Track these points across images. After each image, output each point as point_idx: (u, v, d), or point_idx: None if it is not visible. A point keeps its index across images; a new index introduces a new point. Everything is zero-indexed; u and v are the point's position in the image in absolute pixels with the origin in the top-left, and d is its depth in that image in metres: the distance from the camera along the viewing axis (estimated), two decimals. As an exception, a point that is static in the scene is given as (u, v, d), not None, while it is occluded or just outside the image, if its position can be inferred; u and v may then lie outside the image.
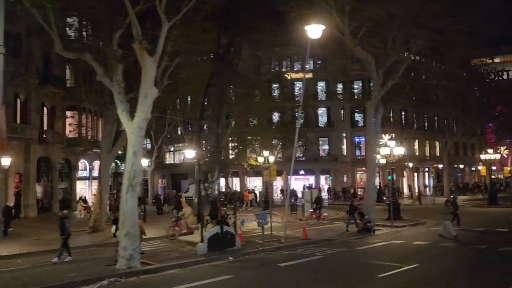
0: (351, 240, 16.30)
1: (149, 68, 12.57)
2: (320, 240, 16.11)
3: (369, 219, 18.20)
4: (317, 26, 12.30)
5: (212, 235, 13.60)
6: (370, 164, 19.53)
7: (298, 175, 52.56)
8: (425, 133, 56.80)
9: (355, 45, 18.42)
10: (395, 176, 53.04)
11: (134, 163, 12.17)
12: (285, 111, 46.73)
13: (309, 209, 25.18)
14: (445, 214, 16.20)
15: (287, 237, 16.22)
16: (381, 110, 19.96)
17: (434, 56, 21.88)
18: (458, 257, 12.09)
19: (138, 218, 15.15)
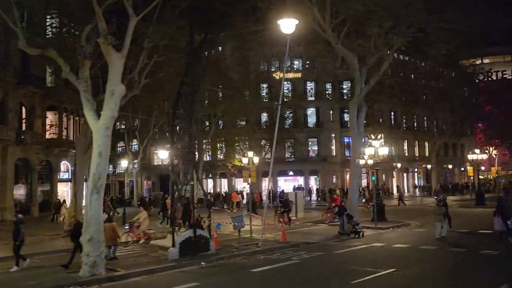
0: (331, 243, 15.81)
1: (115, 64, 11.97)
2: (299, 243, 15.59)
3: (357, 221, 17.62)
4: (291, 20, 11.81)
5: (184, 240, 13.01)
6: (353, 164, 19.07)
7: (287, 176, 52.17)
8: (414, 133, 56.71)
9: (337, 42, 17.97)
10: (384, 176, 52.96)
11: (99, 164, 11.56)
12: (273, 112, 46.31)
13: (293, 211, 24.75)
14: (438, 215, 15.54)
15: (265, 241, 15.72)
16: (364, 109, 19.52)
17: (417, 54, 21.47)
18: (437, 261, 11.62)
19: (112, 221, 14.64)
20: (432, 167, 43.49)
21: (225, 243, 15.35)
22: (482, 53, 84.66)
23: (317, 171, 51.33)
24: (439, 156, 58.34)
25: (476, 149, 32.04)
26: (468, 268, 10.84)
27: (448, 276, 10.13)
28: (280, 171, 52.53)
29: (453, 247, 13.38)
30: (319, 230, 20.22)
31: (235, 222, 14.27)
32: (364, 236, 16.89)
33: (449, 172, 59.24)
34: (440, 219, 15.38)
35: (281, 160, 51.52)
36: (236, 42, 19.81)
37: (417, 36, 18.38)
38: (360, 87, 18.54)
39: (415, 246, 13.85)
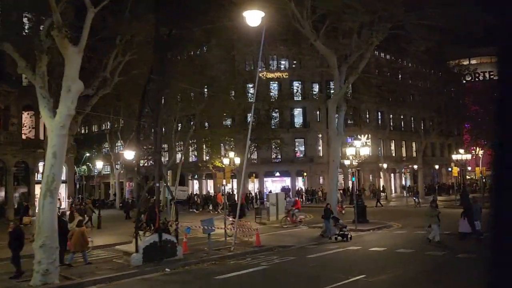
0: (308, 247, 15.23)
1: (72, 59, 11.25)
2: (274, 247, 14.99)
3: (344, 224, 16.84)
4: (256, 12, 11.21)
5: (148, 245, 12.32)
6: (332, 165, 18.52)
7: (273, 176, 51.63)
8: (401, 134, 56.54)
9: (315, 39, 17.42)
10: (371, 177, 52.66)
11: (54, 165, 10.82)
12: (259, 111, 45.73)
13: (273, 212, 24.19)
14: (432, 217, 14.74)
15: (239, 245, 15.11)
16: (344, 108, 19.00)
17: (397, 52, 21.07)
18: (411, 266, 11.09)
19: (81, 225, 13.88)
20: (419, 168, 43.17)
21: (197, 247, 14.69)
22: (469, 53, 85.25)
23: (304, 172, 50.90)
24: (426, 157, 58.19)
25: (460, 149, 31.68)
26: (443, 273, 10.31)
27: (419, 283, 9.58)
28: (266, 172, 52.00)
29: (431, 250, 12.86)
30: (299, 232, 19.66)
31: (204, 225, 13.60)
32: (337, 239, 16.28)
33: (436, 172, 59.14)
34: (435, 221, 14.62)
35: (267, 161, 51.01)
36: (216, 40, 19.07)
37: (398, 33, 17.95)
38: (340, 86, 18.01)
39: (391, 250, 13.32)
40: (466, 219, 14.93)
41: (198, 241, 15.72)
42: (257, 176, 52.74)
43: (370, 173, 52.68)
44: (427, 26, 17.11)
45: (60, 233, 13.41)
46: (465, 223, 14.91)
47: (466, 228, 14.88)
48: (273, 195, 24.89)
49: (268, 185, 51.26)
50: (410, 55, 17.45)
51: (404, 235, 17.27)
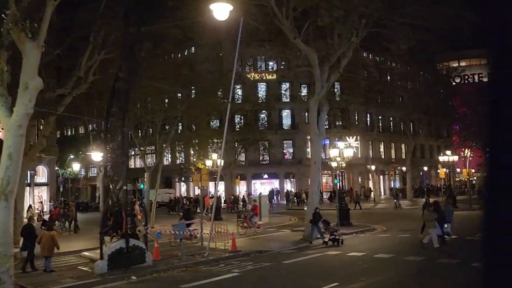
0: (287, 252, 14.65)
1: (29, 54, 10.57)
2: (251, 252, 14.41)
3: (335, 228, 16.03)
4: (224, 5, 10.66)
5: (114, 251, 11.66)
6: (314, 166, 18.00)
7: (262, 179, 51.13)
8: (390, 135, 56.35)
9: (295, 37, 16.91)
10: (360, 179, 52.34)
11: (9, 167, 10.13)
12: (247, 113, 45.24)
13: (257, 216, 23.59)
14: (430, 221, 13.96)
15: (215, 250, 14.52)
16: (326, 108, 18.50)
17: (381, 52, 20.67)
18: (388, 273, 10.56)
19: (52, 229, 13.20)
20: (407, 169, 42.89)
21: (171, 253, 14.07)
22: (459, 55, 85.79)
23: (292, 174, 50.46)
24: (415, 158, 58.03)
25: (447, 151, 31.39)
26: (419, 281, 9.80)
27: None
28: (254, 174, 51.46)
29: (411, 255, 12.36)
30: (281, 236, 19.12)
31: (176, 230, 12.97)
32: (314, 243, 15.73)
33: (426, 174, 59.06)
34: (433, 226, 13.83)
35: (255, 163, 50.48)
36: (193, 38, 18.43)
37: (380, 32, 17.51)
38: (321, 85, 17.51)
39: (371, 255, 12.79)
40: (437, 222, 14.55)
41: (175, 246, 15.05)
42: (245, 178, 52.18)
43: (359, 175, 52.37)
44: (409, 25, 16.72)
45: (29, 239, 12.79)
46: (436, 226, 14.51)
47: (438, 231, 14.40)
48: (255, 198, 24.29)
49: (257, 187, 50.77)
50: (393, 54, 16.93)
51: (387, 238, 16.80)
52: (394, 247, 14.10)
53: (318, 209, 17.19)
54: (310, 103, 18.05)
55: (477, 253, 0.98)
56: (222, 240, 15.15)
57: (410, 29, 16.41)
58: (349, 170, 52.73)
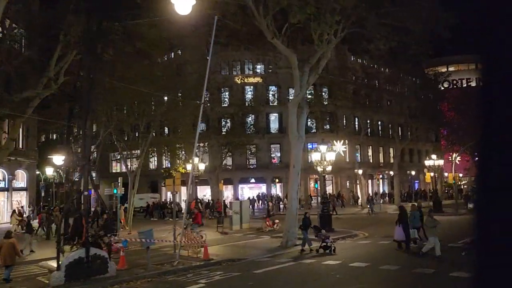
0: (262, 260, 14.02)
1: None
2: (223, 261, 13.76)
3: (327, 235, 15.16)
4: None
5: (72, 261, 10.94)
6: (293, 171, 17.43)
7: (249, 183, 50.53)
8: (378, 139, 56.10)
9: (272, 37, 16.40)
10: (348, 183, 51.92)
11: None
12: (234, 116, 44.71)
13: (237, 221, 23.03)
14: (430, 228, 13.25)
15: (186, 258, 13.89)
16: (306, 111, 17.99)
17: (358, 50, 20.26)
18: (361, 284, 9.98)
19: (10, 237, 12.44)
20: (394, 174, 42.53)
21: (138, 262, 13.35)
22: (447, 61, 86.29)
23: (280, 178, 49.92)
24: (404, 163, 57.84)
25: (433, 155, 31.06)
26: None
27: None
28: (241, 178, 50.84)
29: (387, 264, 11.79)
30: (259, 243, 18.47)
31: (142, 238, 12.28)
32: (294, 248, 15.12)
33: (413, 178, 58.85)
34: (434, 233, 13.01)
35: (242, 167, 49.87)
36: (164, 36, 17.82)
37: (360, 32, 17.07)
38: (299, 87, 16.99)
39: (346, 263, 12.22)
40: (401, 227, 14.46)
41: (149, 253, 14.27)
42: (232, 182, 51.52)
43: (347, 179, 51.97)
44: (389, 26, 16.32)
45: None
46: (400, 231, 14.32)
47: (401, 235, 14.32)
48: (236, 203, 23.67)
49: (245, 192, 50.17)
50: (373, 55, 16.48)
51: (368, 245, 16.26)
52: (373, 254, 13.57)
53: (308, 214, 16.36)
54: (289, 106, 17.53)
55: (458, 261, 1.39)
56: (195, 248, 14.51)
57: (389, 30, 15.99)
58: (337, 174, 52.35)
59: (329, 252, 14.22)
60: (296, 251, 15.35)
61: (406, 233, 14.15)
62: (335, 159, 51.27)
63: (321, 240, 14.80)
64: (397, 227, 14.46)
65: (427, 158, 30.74)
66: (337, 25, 14.99)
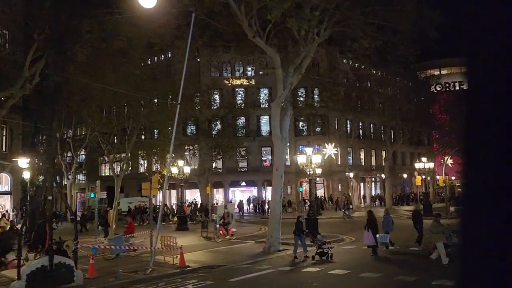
0: (241, 267, 13.43)
1: None
2: (200, 268, 13.16)
3: (323, 240, 14.30)
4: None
5: (34, 270, 10.31)
6: (276, 173, 16.89)
7: (239, 186, 49.95)
8: (370, 142, 55.77)
9: (254, 35, 15.90)
10: (340, 187, 51.47)
11: None
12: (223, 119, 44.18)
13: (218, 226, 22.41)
14: (435, 234, 12.50)
15: (162, 265, 13.31)
16: (290, 112, 17.50)
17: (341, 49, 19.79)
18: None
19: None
20: (386, 177, 42.12)
21: (110, 270, 12.70)
22: (439, 64, 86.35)
23: (270, 182, 49.32)
24: (397, 165, 57.52)
25: (423, 158, 30.64)
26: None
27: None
28: (232, 181, 50.28)
29: (369, 272, 11.25)
30: (242, 248, 17.89)
31: (112, 245, 11.67)
32: (280, 254, 14.55)
33: (407, 181, 58.60)
34: (441, 239, 12.13)
35: (233, 170, 49.27)
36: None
37: (346, 32, 16.61)
38: (282, 87, 16.49)
39: (326, 271, 11.69)
40: (370, 231, 14.07)
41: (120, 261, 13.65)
42: (222, 186, 50.92)
43: (339, 183, 51.54)
44: (375, 25, 15.90)
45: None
46: (369, 235, 14.07)
47: (370, 240, 14.04)
48: (220, 207, 23.06)
49: (237, 195, 49.62)
50: (357, 55, 16.01)
51: (352, 250, 15.75)
52: (355, 261, 13.06)
53: (302, 218, 15.59)
54: (272, 107, 17.03)
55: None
56: (171, 254, 13.90)
57: (375, 29, 15.56)
58: (328, 177, 51.93)
59: (326, 259, 13.42)
60: (278, 257, 14.81)
61: (375, 237, 14.00)
62: (326, 162, 50.99)
63: (317, 246, 13.97)
64: (366, 232, 14.22)
65: (418, 161, 30.26)
66: (320, 24, 14.53)
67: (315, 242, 14.21)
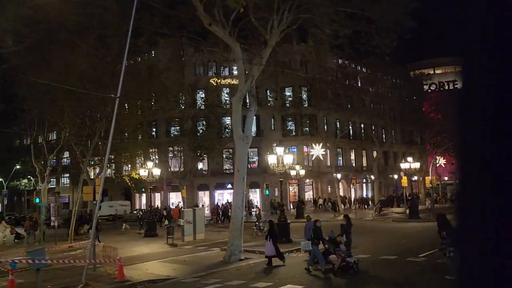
0: (184, 281, 11.89)
1: None
2: (140, 283, 11.67)
3: (349, 252, 11.76)
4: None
5: None
6: (237, 175, 15.40)
7: (225, 189, 48.47)
8: (361, 142, 54.40)
9: (209, 23, 14.47)
10: (329, 188, 49.98)
11: None
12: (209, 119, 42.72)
13: (189, 232, 20.99)
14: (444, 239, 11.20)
15: (98, 279, 11.79)
16: (254, 108, 16.03)
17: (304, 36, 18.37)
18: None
19: None
20: (375, 178, 40.66)
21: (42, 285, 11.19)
22: (433, 63, 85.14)
23: (258, 184, 47.98)
24: (388, 166, 56.12)
25: (409, 158, 29.23)
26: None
27: None
28: (217, 183, 48.90)
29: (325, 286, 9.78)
30: (203, 257, 16.36)
31: (31, 258, 10.15)
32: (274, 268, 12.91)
33: (398, 182, 57.09)
34: (449, 243, 10.71)
35: (218, 172, 47.83)
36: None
37: (312, 18, 15.19)
38: (243, 80, 15.05)
39: (277, 285, 10.19)
40: (271, 241, 13.36)
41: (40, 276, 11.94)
42: (207, 188, 49.44)
43: (328, 184, 50.09)
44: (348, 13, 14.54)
45: None
46: (270, 245, 13.37)
47: (271, 251, 13.35)
48: (189, 211, 21.53)
49: (225, 197, 48.17)
50: (318, 39, 14.54)
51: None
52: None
53: (319, 222, 13.00)
54: (233, 102, 15.62)
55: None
56: (112, 267, 12.41)
57: (343, 17, 14.15)
58: (317, 179, 50.48)
59: (353, 272, 11.11)
60: (234, 269, 13.33)
61: (275, 247, 13.35)
62: (314, 163, 49.41)
63: (341, 258, 11.45)
64: (267, 243, 13.46)
65: (403, 161, 28.85)
66: (279, 11, 13.12)
67: (338, 254, 11.66)
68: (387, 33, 15.90)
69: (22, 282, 11.93)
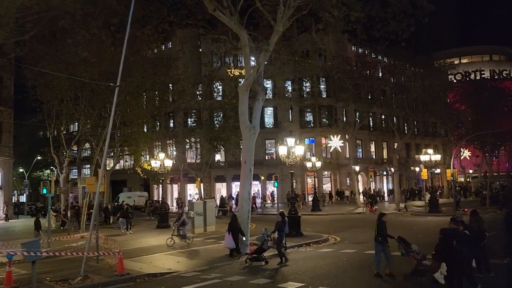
0: (186, 275, 11.50)
1: None
2: (140, 276, 11.38)
3: (423, 255, 9.88)
4: None
5: None
6: (244, 166, 14.93)
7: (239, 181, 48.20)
8: (382, 134, 53.04)
9: (214, 9, 13.94)
10: (348, 181, 48.96)
11: None
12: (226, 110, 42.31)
13: (200, 224, 20.72)
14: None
15: (98, 272, 11.62)
16: (262, 97, 15.43)
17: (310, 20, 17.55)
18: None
19: None
20: (395, 170, 39.46)
21: (39, 277, 11.06)
22: (460, 52, 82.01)
23: (275, 176, 47.47)
24: (410, 158, 54.59)
25: (429, 149, 28.05)
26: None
27: None
28: (235, 175, 48.54)
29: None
30: (210, 250, 15.99)
31: (26, 250, 9.96)
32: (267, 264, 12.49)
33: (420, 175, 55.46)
34: None
35: (236, 164, 47.46)
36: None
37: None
38: (250, 68, 14.49)
39: (275, 284, 9.70)
40: (231, 234, 13.77)
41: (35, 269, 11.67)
42: (225, 180, 49.26)
43: (347, 176, 49.09)
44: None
45: None
46: (230, 238, 13.81)
47: (230, 243, 13.83)
48: (199, 203, 21.23)
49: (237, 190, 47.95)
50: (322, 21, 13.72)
51: (327, 255, 13.73)
52: (311, 270, 11.02)
53: (385, 217, 10.74)
54: (239, 91, 15.07)
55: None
56: (112, 259, 12.19)
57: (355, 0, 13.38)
58: (336, 171, 49.52)
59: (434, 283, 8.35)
60: (238, 263, 12.91)
61: (235, 240, 13.70)
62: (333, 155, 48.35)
63: (416, 260, 9.78)
64: (227, 235, 13.86)
65: (423, 153, 27.74)
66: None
67: (410, 255, 10.00)
68: (404, 17, 14.99)
69: (24, 273, 11.89)
